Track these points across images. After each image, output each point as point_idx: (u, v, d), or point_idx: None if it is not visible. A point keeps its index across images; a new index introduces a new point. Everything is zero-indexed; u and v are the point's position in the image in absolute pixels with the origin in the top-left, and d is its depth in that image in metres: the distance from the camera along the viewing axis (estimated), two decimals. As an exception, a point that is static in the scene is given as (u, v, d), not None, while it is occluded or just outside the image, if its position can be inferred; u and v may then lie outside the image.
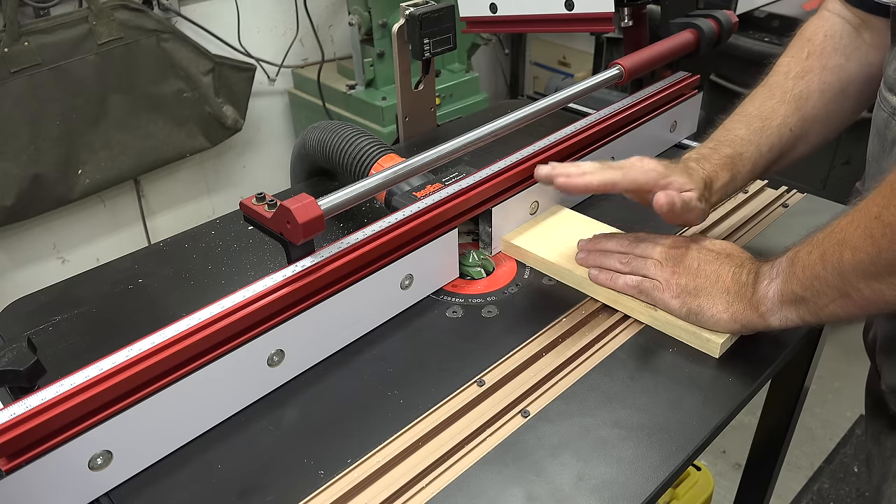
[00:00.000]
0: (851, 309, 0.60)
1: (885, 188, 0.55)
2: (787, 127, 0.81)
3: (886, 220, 0.54)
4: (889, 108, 0.69)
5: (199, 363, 0.63)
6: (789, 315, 0.65)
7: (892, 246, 0.54)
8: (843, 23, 0.83)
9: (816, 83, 0.82)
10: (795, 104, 0.82)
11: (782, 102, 0.82)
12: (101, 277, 0.87)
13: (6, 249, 1.98)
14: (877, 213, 0.55)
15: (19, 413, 0.54)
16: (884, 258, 0.55)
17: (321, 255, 0.71)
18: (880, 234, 0.54)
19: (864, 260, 0.56)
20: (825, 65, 0.82)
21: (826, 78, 0.82)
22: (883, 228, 0.54)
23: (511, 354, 0.72)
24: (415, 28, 1.02)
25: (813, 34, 0.84)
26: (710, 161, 0.79)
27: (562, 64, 2.87)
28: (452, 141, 0.85)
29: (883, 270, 0.55)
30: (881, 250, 0.55)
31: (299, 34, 2.34)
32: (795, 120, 0.81)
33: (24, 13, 1.75)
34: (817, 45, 0.83)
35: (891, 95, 0.69)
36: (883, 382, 0.76)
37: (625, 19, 1.19)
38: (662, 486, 0.60)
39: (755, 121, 0.82)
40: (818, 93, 0.82)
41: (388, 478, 0.61)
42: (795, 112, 0.82)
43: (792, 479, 1.86)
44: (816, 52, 0.82)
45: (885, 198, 0.54)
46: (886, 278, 0.55)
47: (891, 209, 0.53)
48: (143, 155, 2.02)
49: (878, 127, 0.72)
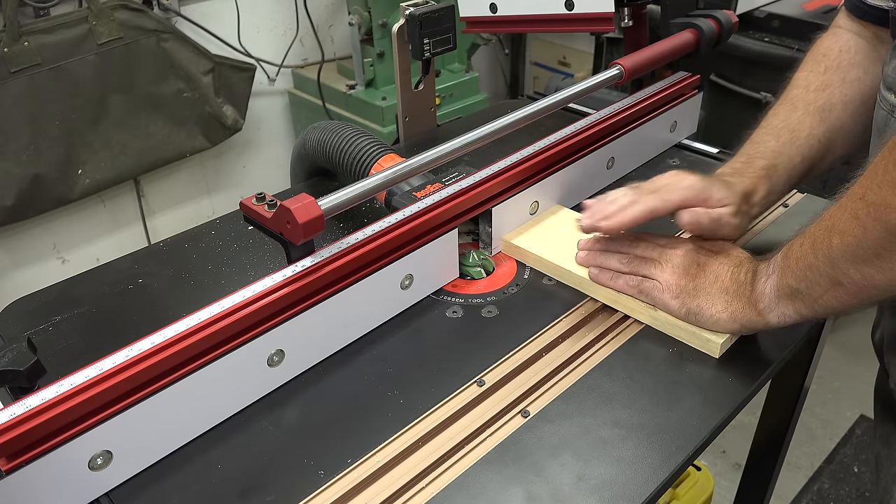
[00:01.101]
0: (845, 298, 0.60)
1: (870, 170, 0.55)
2: (816, 138, 0.81)
3: (869, 200, 0.54)
4: (888, 105, 0.69)
5: (199, 363, 0.63)
6: (786, 310, 0.65)
7: (875, 225, 0.53)
8: (857, 38, 0.83)
9: (838, 95, 0.82)
10: (820, 116, 0.82)
11: (807, 114, 0.82)
12: (101, 277, 0.87)
13: (6, 249, 1.98)
14: (861, 193, 0.55)
15: (19, 413, 0.54)
16: (869, 239, 0.54)
17: (321, 255, 0.71)
18: (864, 213, 0.54)
19: (851, 243, 0.56)
20: (844, 78, 0.82)
21: (846, 91, 0.82)
22: (867, 208, 0.54)
23: (511, 354, 0.72)
24: (415, 28, 1.02)
25: (828, 50, 0.84)
26: (745, 175, 0.78)
27: (562, 64, 2.87)
28: (452, 141, 0.85)
29: (870, 253, 0.55)
30: (866, 230, 0.54)
31: (299, 34, 2.34)
32: (822, 131, 0.81)
33: (24, 13, 1.75)
34: (833, 60, 0.83)
35: (889, 94, 0.69)
36: (892, 381, 0.76)
37: (625, 19, 1.19)
38: (662, 486, 0.60)
39: (784, 133, 0.82)
40: (841, 104, 0.82)
41: (388, 478, 0.61)
42: (821, 124, 0.82)
43: (792, 479, 1.86)
44: (833, 67, 0.83)
45: (868, 178, 0.55)
46: (874, 262, 0.55)
47: (873, 188, 0.53)
48: (143, 155, 2.02)
49: (878, 125, 0.72)
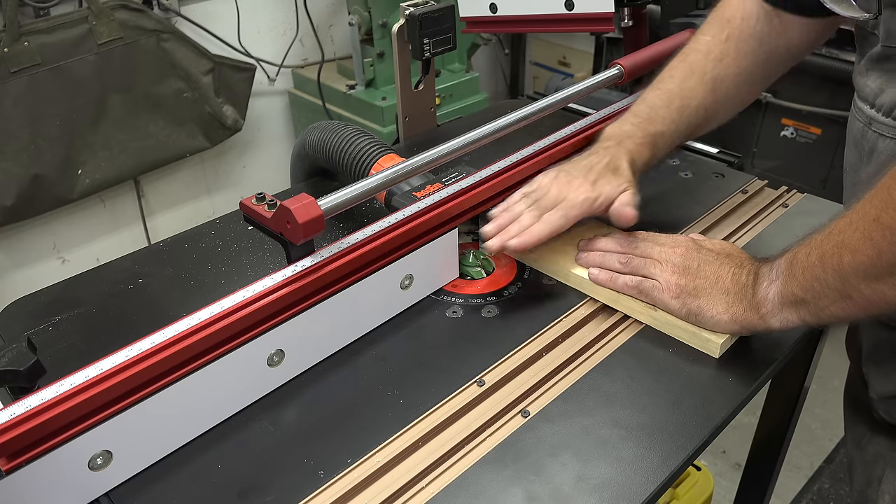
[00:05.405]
0: (853, 310, 0.60)
1: (883, 191, 0.55)
2: (703, 108, 0.86)
3: (886, 223, 0.54)
4: (864, 117, 0.69)
5: (199, 363, 0.63)
6: (790, 317, 0.65)
7: (892, 248, 0.54)
8: (760, 6, 0.85)
9: (732, 68, 0.85)
10: (712, 85, 0.85)
11: (701, 83, 0.85)
12: (100, 277, 0.87)
13: (6, 249, 1.98)
14: (875, 215, 0.55)
15: (19, 413, 0.54)
16: (884, 260, 0.55)
17: (321, 255, 0.71)
18: (880, 236, 0.54)
19: (864, 262, 0.56)
20: (741, 49, 0.85)
21: (741, 63, 0.85)
22: (882, 231, 0.54)
23: (511, 354, 0.72)
24: (415, 28, 1.02)
25: (732, 16, 0.86)
26: (633, 139, 0.83)
27: (562, 64, 2.87)
28: (452, 141, 0.85)
29: (884, 272, 0.55)
30: (881, 252, 0.54)
31: (299, 34, 2.34)
32: (711, 101, 0.86)
33: (24, 13, 1.75)
34: (735, 28, 0.85)
35: (865, 105, 0.69)
36: (872, 391, 0.76)
37: (625, 19, 1.20)
38: (662, 486, 0.60)
39: (676, 100, 0.85)
40: (733, 76, 0.86)
41: (388, 478, 0.61)
42: (711, 94, 0.85)
43: (792, 479, 1.86)
44: (735, 36, 0.85)
45: (883, 201, 0.54)
46: (887, 279, 0.55)
47: (889, 212, 0.53)
48: (143, 155, 2.02)
49: (854, 137, 0.72)
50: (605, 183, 0.78)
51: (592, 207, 0.77)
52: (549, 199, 0.78)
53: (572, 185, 0.78)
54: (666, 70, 0.89)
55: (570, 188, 0.78)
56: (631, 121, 0.85)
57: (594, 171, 0.79)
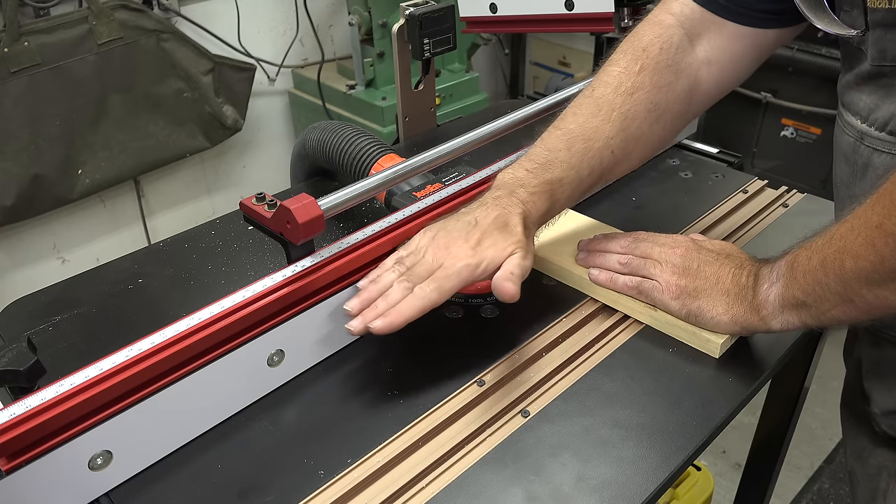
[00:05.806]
0: (854, 314, 0.60)
1: (885, 197, 0.54)
2: (610, 149, 0.76)
3: (888, 230, 0.53)
4: (855, 132, 0.67)
5: (199, 363, 0.63)
6: (791, 319, 0.65)
7: (894, 254, 0.53)
8: (682, 33, 0.78)
9: (644, 103, 0.76)
10: (621, 124, 0.76)
11: (607, 121, 0.75)
12: (100, 277, 0.87)
13: (6, 249, 1.98)
14: (878, 222, 0.54)
15: (19, 413, 0.54)
16: (887, 266, 0.54)
17: (321, 255, 0.71)
18: (882, 243, 0.54)
19: (866, 268, 0.56)
20: (656, 82, 0.76)
21: (655, 97, 0.77)
22: (885, 238, 0.54)
23: (511, 354, 0.72)
24: (415, 28, 1.02)
25: (649, 45, 0.77)
26: (526, 188, 0.72)
27: (562, 64, 2.87)
28: (452, 141, 0.85)
29: (886, 277, 0.55)
30: (884, 258, 0.54)
31: (299, 34, 2.34)
32: (618, 141, 0.76)
33: (24, 13, 1.75)
34: (651, 59, 0.77)
35: (856, 120, 0.66)
36: (875, 406, 0.75)
37: (625, 19, 1.19)
38: (662, 486, 0.60)
39: (578, 142, 0.75)
40: (644, 112, 0.76)
41: (388, 478, 0.61)
42: (620, 133, 0.76)
43: (792, 479, 1.86)
44: (650, 68, 0.76)
45: (885, 207, 0.54)
46: (890, 284, 0.55)
47: (892, 218, 0.53)
48: (143, 155, 2.02)
49: (844, 152, 0.70)
50: (489, 245, 0.67)
51: (473, 276, 0.66)
52: (424, 267, 0.67)
53: (451, 250, 0.67)
54: (570, 107, 0.78)
55: (448, 253, 0.67)
56: (526, 166, 0.74)
57: (478, 230, 0.68)
